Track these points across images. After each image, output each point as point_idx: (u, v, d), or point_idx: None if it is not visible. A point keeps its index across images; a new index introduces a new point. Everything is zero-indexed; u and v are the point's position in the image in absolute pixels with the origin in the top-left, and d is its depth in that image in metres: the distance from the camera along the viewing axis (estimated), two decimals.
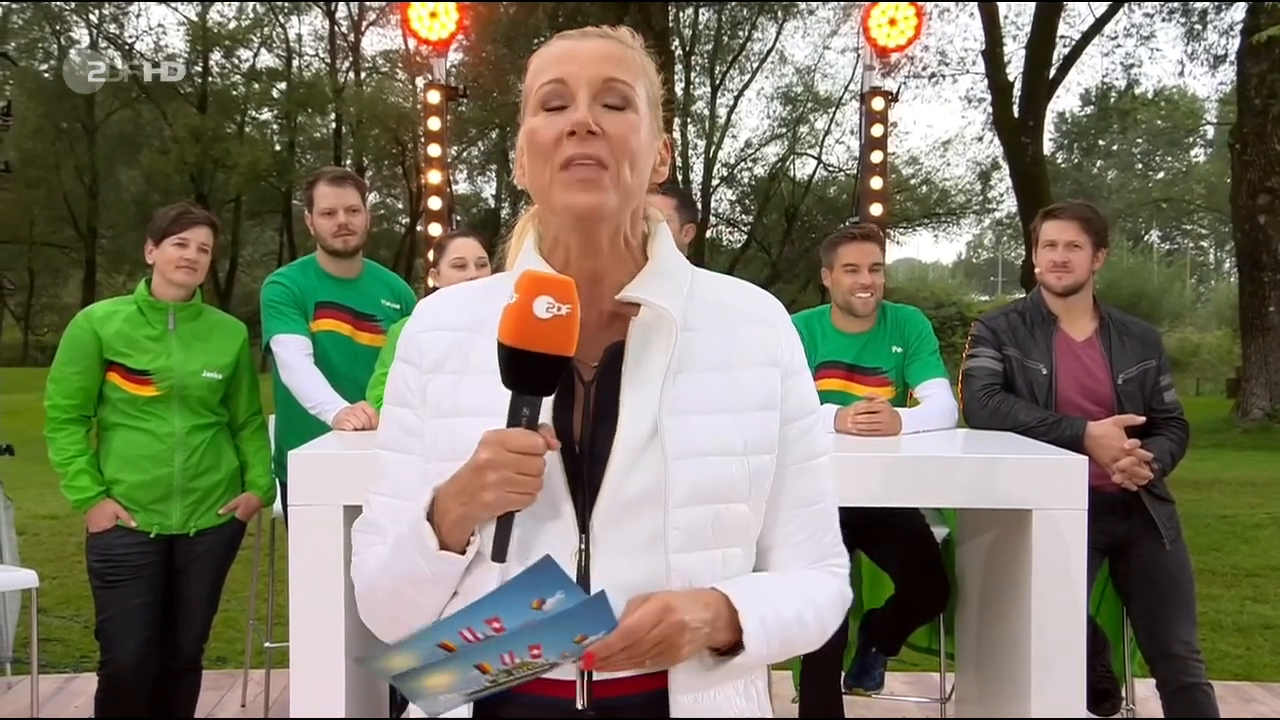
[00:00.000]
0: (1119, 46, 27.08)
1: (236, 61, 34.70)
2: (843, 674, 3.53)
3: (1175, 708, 3.06)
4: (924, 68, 27.41)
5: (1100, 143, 36.32)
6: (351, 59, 35.00)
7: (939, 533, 3.56)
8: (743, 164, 35.49)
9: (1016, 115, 20.30)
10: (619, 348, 1.27)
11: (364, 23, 34.37)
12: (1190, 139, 40.23)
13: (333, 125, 34.74)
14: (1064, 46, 22.35)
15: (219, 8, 33.26)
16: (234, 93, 34.85)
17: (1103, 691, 3.25)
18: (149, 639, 3.25)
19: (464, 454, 1.21)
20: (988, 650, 3.05)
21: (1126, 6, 23.79)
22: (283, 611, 2.83)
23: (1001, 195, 33.64)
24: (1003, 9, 22.09)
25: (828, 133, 32.87)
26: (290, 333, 3.58)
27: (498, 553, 1.17)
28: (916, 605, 3.49)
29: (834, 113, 32.20)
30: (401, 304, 3.81)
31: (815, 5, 30.68)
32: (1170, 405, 3.27)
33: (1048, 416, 3.13)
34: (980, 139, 31.49)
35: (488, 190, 36.49)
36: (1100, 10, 22.91)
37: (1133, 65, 28.04)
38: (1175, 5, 24.29)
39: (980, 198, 34.65)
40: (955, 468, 2.69)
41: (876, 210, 6.40)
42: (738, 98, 33.94)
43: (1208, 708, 3.03)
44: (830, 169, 33.31)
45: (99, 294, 29.69)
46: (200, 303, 3.39)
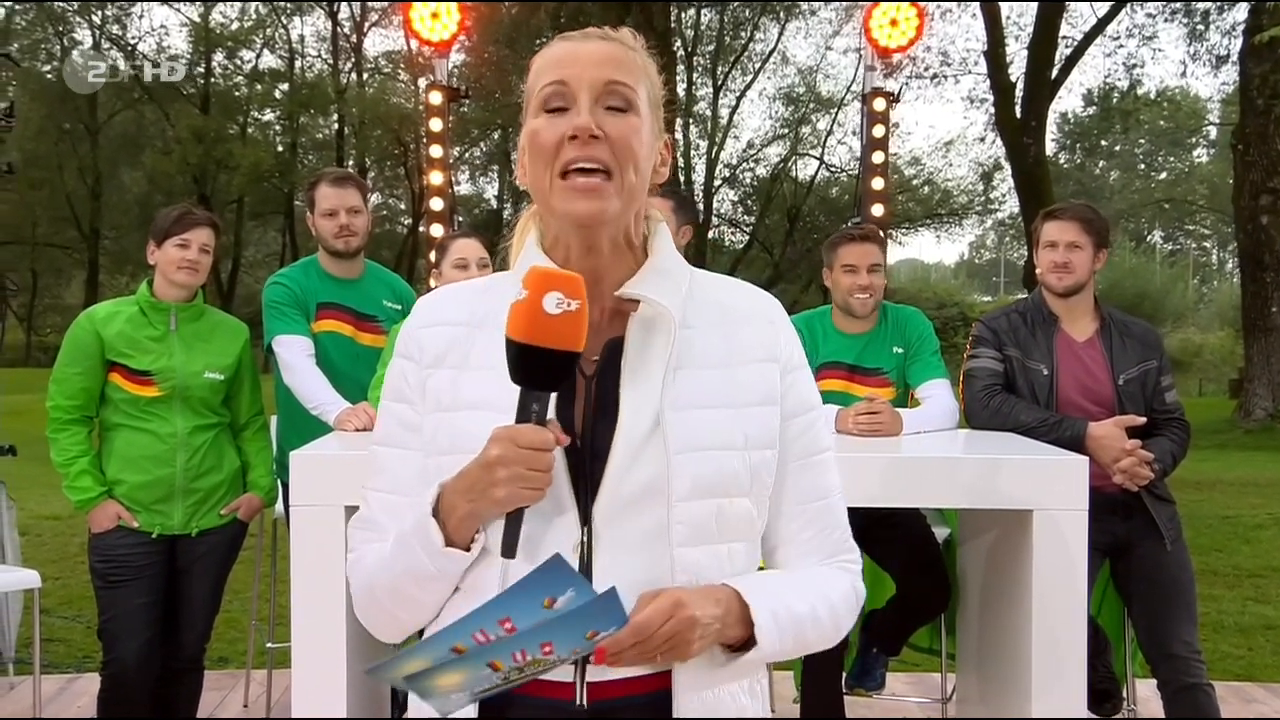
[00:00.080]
0: (1121, 47, 27.11)
1: (239, 62, 34.76)
2: (844, 674, 3.54)
3: (1176, 708, 3.06)
4: (926, 68, 27.44)
5: (1103, 143, 36.29)
6: (354, 60, 35.04)
7: (940, 533, 3.56)
8: (745, 164, 35.51)
9: (1019, 116, 20.30)
10: (618, 343, 1.28)
11: (366, 24, 34.40)
12: (1193, 139, 40.24)
13: (335, 126, 34.76)
14: (1066, 47, 22.37)
15: (221, 9, 33.33)
16: (236, 93, 34.88)
17: (1104, 692, 3.25)
18: (151, 639, 3.26)
19: (464, 448, 1.22)
20: (989, 651, 3.05)
21: (1129, 7, 23.81)
22: (285, 612, 2.83)
23: (1004, 196, 33.63)
24: (1005, 9, 22.08)
25: (830, 133, 32.88)
26: (292, 333, 3.59)
27: (508, 548, 1.17)
28: (918, 605, 3.49)
29: (836, 113, 32.23)
30: (403, 305, 3.81)
31: (817, 6, 30.71)
32: (1171, 406, 3.27)
33: (1048, 417, 3.13)
34: (982, 139, 31.49)
35: (490, 191, 36.56)
36: (1102, 10, 22.92)
37: (1135, 65, 28.04)
38: (1177, 6, 24.32)
39: (982, 198, 34.62)
40: (956, 468, 2.69)
41: (878, 211, 6.40)
42: (740, 98, 33.97)
43: (1209, 708, 3.04)
44: (832, 169, 33.33)
45: (102, 295, 29.70)
46: (202, 303, 3.39)
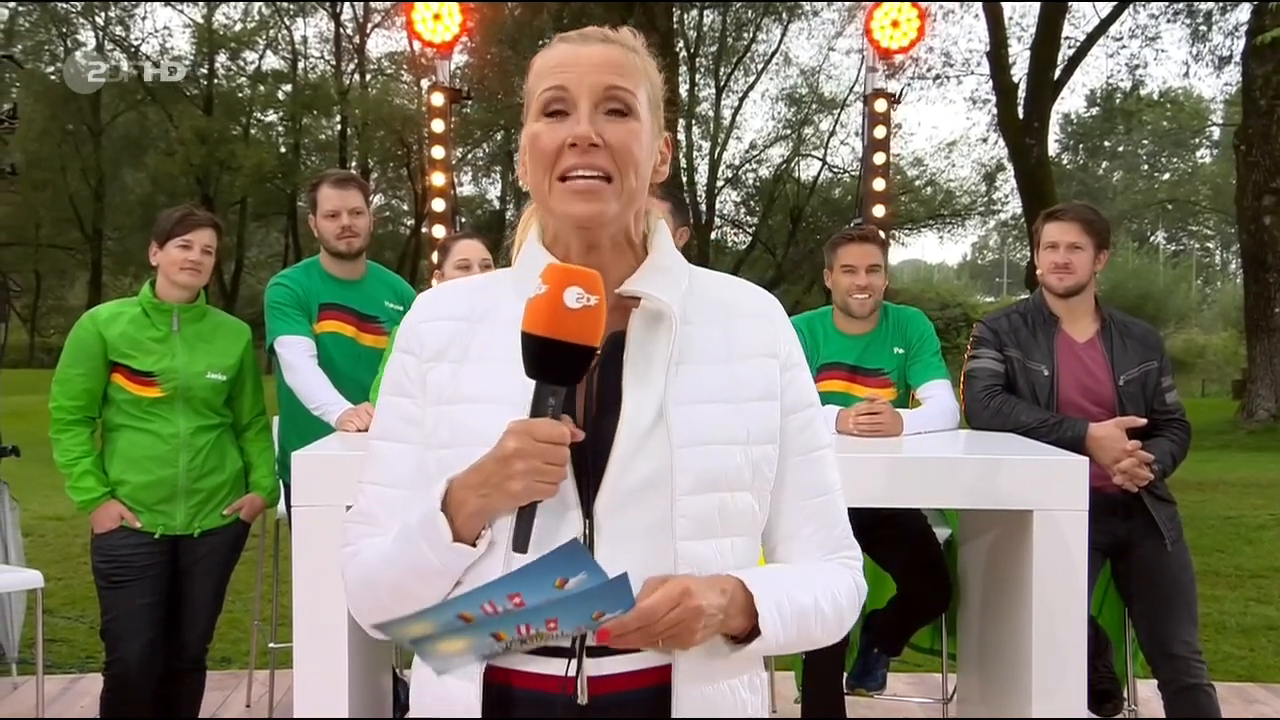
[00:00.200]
0: (1124, 48, 27.12)
1: (242, 63, 34.83)
2: (845, 675, 3.54)
3: (1177, 708, 3.06)
4: (928, 69, 27.42)
5: (1105, 144, 36.29)
6: (356, 61, 35.06)
7: (941, 533, 3.57)
8: (747, 165, 35.54)
9: (1021, 116, 20.29)
10: (620, 338, 1.29)
11: (369, 25, 34.45)
12: (1196, 140, 40.18)
13: (338, 127, 34.81)
14: (1069, 48, 22.33)
15: (224, 10, 33.37)
16: (239, 95, 34.94)
17: (1104, 692, 3.25)
18: (154, 639, 3.26)
19: (464, 442, 1.24)
20: (989, 651, 3.06)
21: (1131, 8, 23.79)
22: (287, 612, 2.84)
23: (1006, 196, 33.61)
24: (1007, 10, 22.07)
25: (832, 134, 32.89)
26: (294, 334, 3.59)
27: (520, 543, 1.18)
28: (918, 606, 3.50)
29: (839, 114, 32.24)
30: (405, 306, 3.81)
31: (820, 6, 30.73)
32: (1172, 406, 3.27)
33: (1049, 417, 3.14)
34: (985, 140, 31.50)
35: (492, 192, 36.59)
36: (1105, 11, 22.90)
37: (1138, 66, 28.10)
38: (1180, 6, 24.30)
39: (985, 199, 34.60)
40: (957, 468, 2.70)
41: (879, 212, 6.40)
42: (742, 99, 34.00)
43: (1210, 708, 3.04)
44: (835, 170, 33.33)
45: (105, 295, 29.71)
46: (204, 304, 3.40)
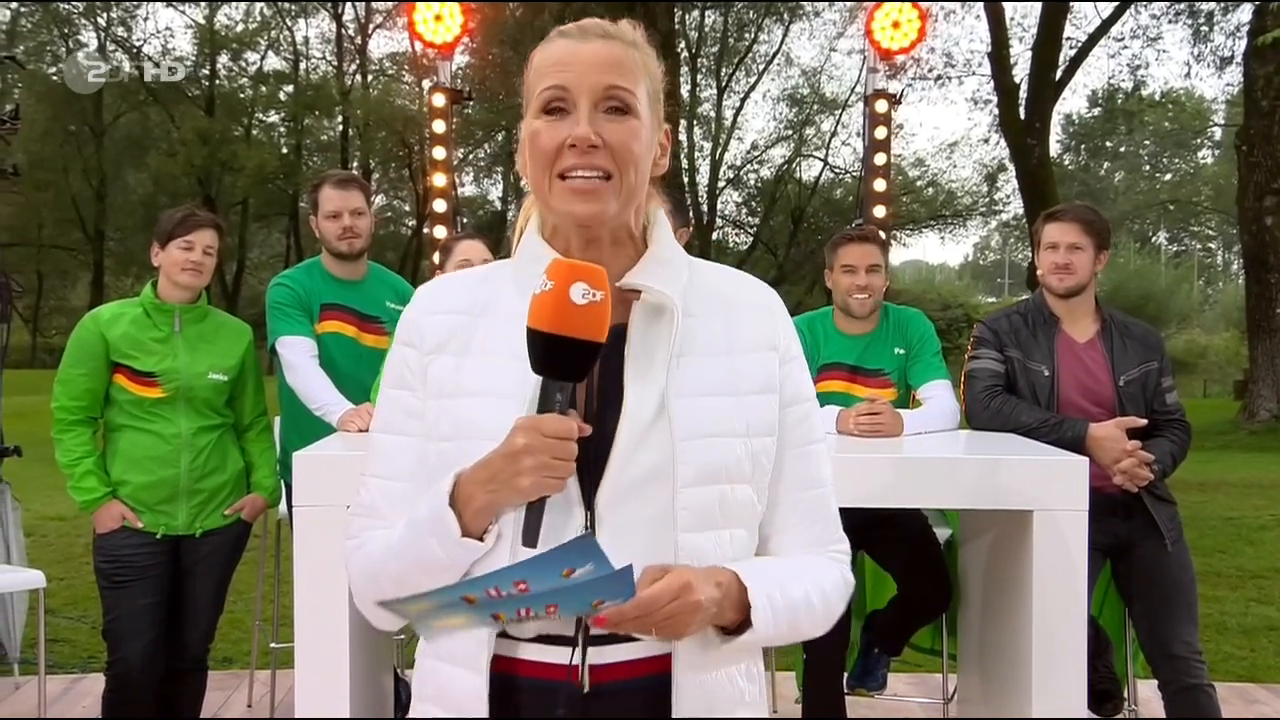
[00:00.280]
0: (1125, 48, 27.12)
1: (244, 64, 34.85)
2: (845, 675, 3.54)
3: (1177, 708, 3.07)
4: (930, 69, 27.42)
5: (1107, 144, 36.24)
6: (358, 62, 35.11)
7: (941, 534, 3.57)
8: (749, 166, 35.55)
9: (1023, 117, 20.30)
10: (621, 331, 1.28)
11: (370, 25, 34.50)
12: (1197, 141, 40.19)
13: (339, 128, 34.85)
14: (1070, 48, 22.33)
15: (226, 10, 33.41)
16: (241, 95, 34.96)
17: (1104, 692, 3.25)
18: (155, 639, 3.27)
19: (466, 435, 1.24)
20: (990, 651, 3.06)
21: (1133, 8, 23.77)
22: (288, 612, 2.84)
23: (1008, 197, 33.60)
24: (1008, 11, 22.08)
25: (834, 134, 32.88)
26: (295, 334, 3.60)
27: (529, 537, 1.18)
28: (919, 606, 3.50)
29: (840, 114, 32.23)
30: (406, 306, 3.82)
31: (821, 7, 30.73)
32: (1172, 407, 3.27)
33: (1049, 418, 3.14)
34: (986, 141, 31.54)
35: (494, 192, 36.60)
36: (1106, 12, 22.90)
37: (1139, 67, 28.09)
38: (1181, 7, 24.28)
39: (986, 199, 34.60)
40: (957, 469, 2.70)
41: (880, 212, 6.40)
42: (744, 100, 34.01)
43: (1210, 709, 3.04)
44: (836, 171, 33.32)
45: (107, 296, 29.71)
46: (206, 305, 3.41)
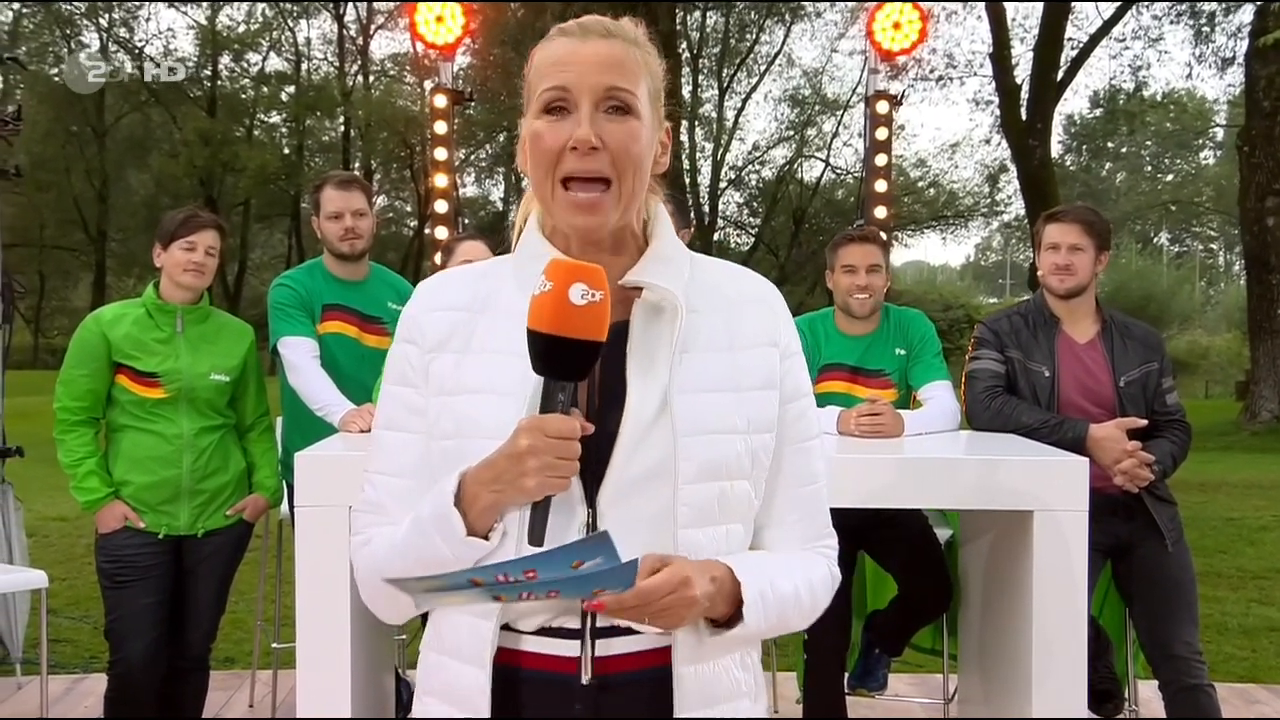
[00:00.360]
0: (1127, 49, 27.10)
1: (245, 65, 34.90)
2: (846, 675, 3.54)
3: (1178, 709, 3.07)
4: (931, 70, 27.39)
5: (1109, 145, 36.22)
6: (360, 62, 35.15)
7: (942, 534, 3.57)
8: (750, 166, 35.56)
9: (1024, 118, 20.32)
10: (622, 328, 1.29)
11: (372, 26, 34.54)
12: (1199, 141, 40.16)
13: (341, 128, 34.88)
14: (1072, 49, 22.34)
15: (228, 11, 33.44)
16: (243, 96, 35.00)
17: (1105, 692, 3.26)
18: (157, 639, 3.27)
19: (468, 433, 1.25)
20: (990, 651, 3.06)
21: (1134, 9, 23.76)
22: (290, 612, 2.85)
23: (1009, 198, 33.62)
24: (1010, 11, 22.09)
25: (835, 135, 32.89)
26: (297, 335, 3.60)
27: (535, 537, 1.19)
28: (919, 606, 3.50)
29: (841, 115, 32.23)
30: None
31: (823, 7, 30.74)
32: (1172, 408, 3.27)
33: (1050, 418, 3.14)
34: (988, 141, 31.56)
35: (495, 193, 36.63)
36: (1108, 12, 22.91)
37: (1141, 67, 28.14)
38: (1183, 8, 24.26)
39: (988, 200, 34.60)
40: (957, 469, 2.70)
41: (881, 213, 6.40)
42: (745, 100, 34.02)
43: (1210, 709, 3.04)
44: (838, 171, 33.33)
45: (109, 297, 29.75)
46: (208, 305, 3.41)
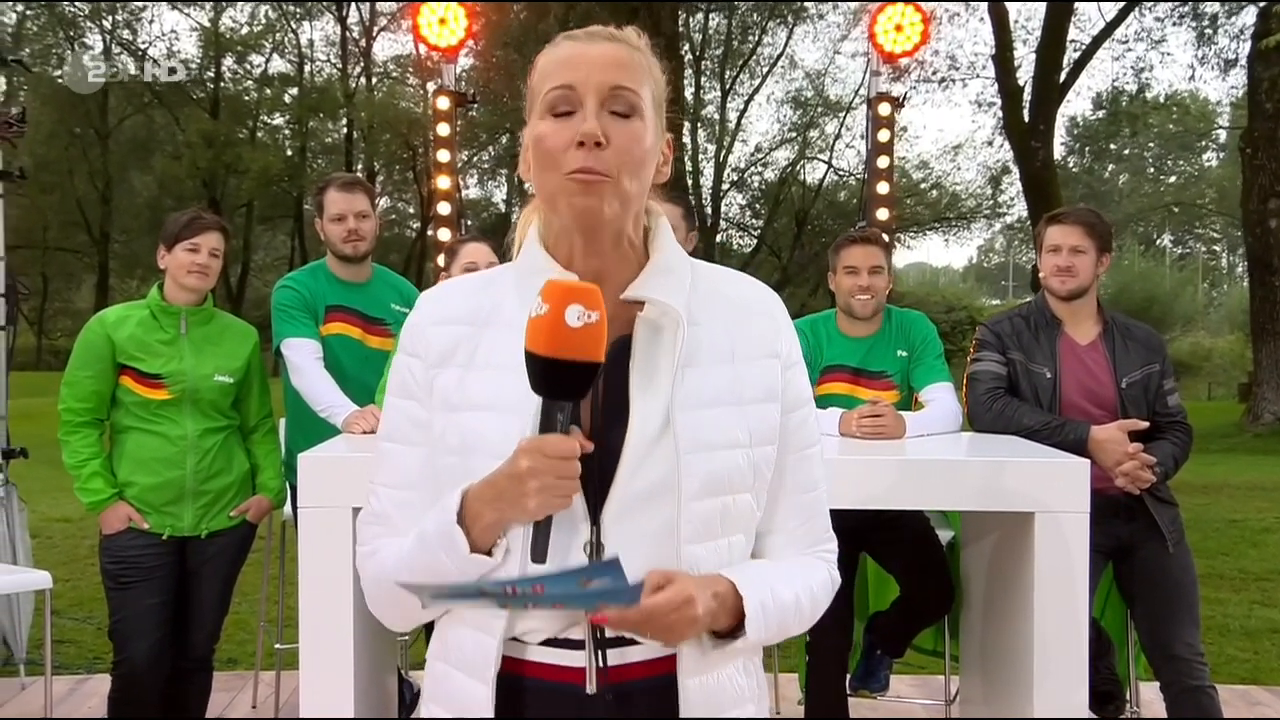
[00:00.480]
0: (1129, 50, 27.09)
1: (249, 67, 34.92)
2: (848, 676, 3.55)
3: (1179, 710, 3.07)
4: (934, 72, 27.40)
5: (1111, 147, 36.15)
6: (363, 64, 35.19)
7: (944, 536, 3.58)
8: (753, 168, 35.58)
9: (1027, 119, 20.30)
10: (625, 342, 1.29)
11: (375, 28, 34.57)
12: (1202, 143, 40.09)
13: (344, 130, 34.89)
14: (1074, 51, 22.33)
15: (231, 13, 33.48)
16: (246, 98, 35.02)
17: (1106, 694, 3.27)
18: (161, 640, 3.28)
19: (473, 449, 1.25)
20: (992, 652, 3.07)
21: (1137, 10, 23.76)
22: (293, 613, 2.86)
23: (1012, 199, 33.59)
24: (1012, 13, 22.09)
25: (838, 137, 32.89)
26: (300, 336, 3.61)
27: (538, 554, 1.20)
28: (921, 608, 3.51)
29: (844, 117, 32.23)
30: (410, 308, 3.82)
31: (825, 9, 30.74)
32: (1174, 409, 3.28)
33: (1051, 420, 3.15)
34: (990, 143, 31.44)
35: (498, 195, 36.64)
36: (1110, 14, 22.90)
37: (1143, 69, 28.18)
38: (1185, 9, 24.25)
39: (991, 202, 34.59)
40: (959, 470, 2.70)
41: (883, 215, 6.39)
42: (748, 102, 34.05)
43: (1212, 710, 3.05)
44: (840, 173, 33.33)
45: (112, 298, 29.76)
46: (212, 307, 3.42)
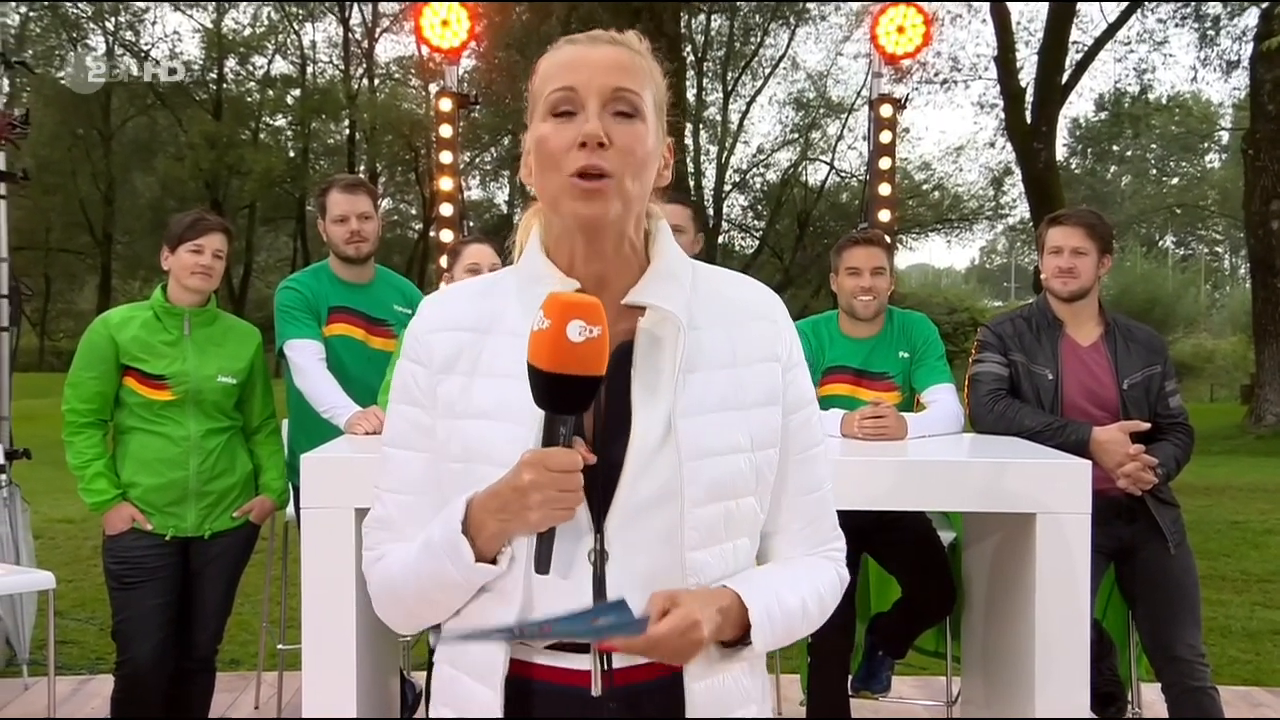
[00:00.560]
0: (1132, 52, 27.07)
1: (251, 68, 34.92)
2: (850, 677, 3.55)
3: (1181, 711, 3.07)
4: (936, 73, 27.41)
5: (1114, 148, 36.14)
6: (365, 65, 35.19)
7: (945, 537, 3.58)
8: (755, 170, 35.55)
9: (1029, 121, 20.29)
10: (627, 348, 1.29)
11: (377, 29, 34.57)
12: (1204, 144, 40.06)
13: (346, 131, 34.90)
14: (1076, 52, 22.31)
15: (234, 15, 33.50)
16: (249, 99, 35.02)
17: (1108, 695, 3.27)
18: (164, 640, 3.29)
19: (477, 457, 1.25)
20: (993, 653, 3.07)
21: (1139, 12, 23.76)
22: (296, 614, 2.87)
23: (1014, 201, 33.54)
24: (1014, 15, 22.10)
25: (840, 138, 32.85)
26: (303, 337, 3.62)
27: (542, 565, 1.20)
28: (923, 609, 3.51)
29: (846, 118, 32.21)
30: (413, 309, 3.81)
31: (827, 11, 30.74)
32: (1175, 410, 3.28)
33: (1053, 421, 3.15)
34: (993, 144, 31.36)
35: (500, 196, 36.59)
36: (1113, 15, 22.90)
37: (1145, 71, 28.02)
38: (1188, 11, 24.24)
39: (993, 203, 34.56)
40: (960, 472, 2.71)
41: (885, 216, 6.38)
42: (750, 103, 34.02)
43: (1213, 711, 3.05)
44: (843, 174, 33.30)
45: (114, 299, 29.81)
46: (215, 308, 3.43)
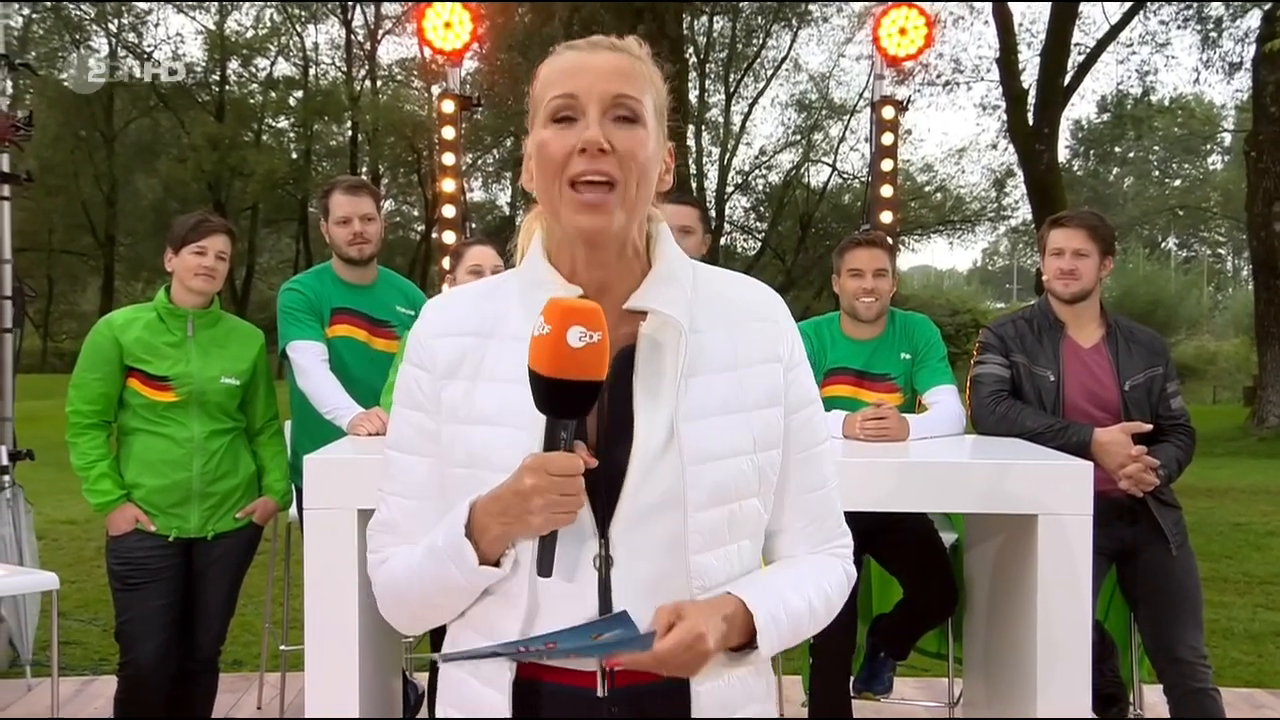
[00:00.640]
0: (1134, 54, 27.11)
1: (254, 70, 34.97)
2: (851, 678, 3.55)
3: (1182, 712, 3.07)
4: (938, 75, 27.43)
5: (1116, 150, 36.18)
6: (368, 67, 35.22)
7: (947, 538, 3.58)
8: (757, 171, 35.57)
9: (1031, 122, 20.30)
10: (629, 353, 1.29)
11: (380, 31, 34.61)
12: (1207, 146, 40.03)
13: (349, 133, 34.93)
14: (1079, 54, 22.35)
15: (236, 17, 33.55)
16: (251, 101, 35.07)
17: (1109, 696, 3.27)
18: (167, 641, 3.30)
19: (480, 464, 1.25)
20: (995, 654, 3.07)
21: (1142, 14, 23.76)
22: (298, 615, 2.87)
23: (1016, 203, 33.56)
24: (1017, 16, 22.11)
25: (842, 140, 32.90)
26: (306, 339, 3.62)
27: (544, 568, 1.21)
28: (925, 610, 3.51)
29: (848, 119, 32.24)
30: (416, 310, 3.84)
31: (830, 12, 30.75)
32: (1177, 412, 3.28)
33: (1055, 423, 3.15)
34: (995, 146, 31.49)
35: (502, 198, 36.64)
36: (1115, 17, 22.91)
37: (1148, 72, 28.08)
38: (1190, 13, 24.24)
39: (995, 205, 34.58)
40: (962, 473, 2.71)
41: (887, 218, 6.39)
42: (752, 105, 34.05)
43: (1215, 712, 3.05)
44: (845, 176, 33.32)
45: (117, 301, 29.86)
46: (218, 309, 3.44)
